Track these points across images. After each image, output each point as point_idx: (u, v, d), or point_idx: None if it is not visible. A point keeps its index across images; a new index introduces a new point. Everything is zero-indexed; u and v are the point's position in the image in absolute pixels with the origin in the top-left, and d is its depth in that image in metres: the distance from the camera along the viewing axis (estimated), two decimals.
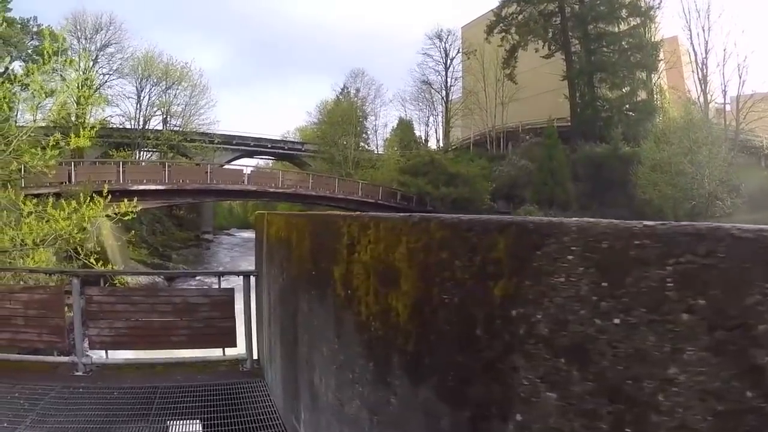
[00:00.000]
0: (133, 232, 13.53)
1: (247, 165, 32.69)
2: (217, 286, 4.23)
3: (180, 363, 4.01)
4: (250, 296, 4.02)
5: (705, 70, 26.21)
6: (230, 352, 4.04)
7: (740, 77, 24.96)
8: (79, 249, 7.33)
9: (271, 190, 24.70)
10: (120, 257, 17.13)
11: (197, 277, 16.96)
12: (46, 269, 6.65)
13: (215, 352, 4.06)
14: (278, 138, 39.50)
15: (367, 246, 1.52)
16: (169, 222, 29.74)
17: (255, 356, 4.03)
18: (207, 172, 23.13)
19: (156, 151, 27.65)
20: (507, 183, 28.07)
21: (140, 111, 29.67)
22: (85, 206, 7.34)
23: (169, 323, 3.91)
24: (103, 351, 4.00)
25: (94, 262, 7.52)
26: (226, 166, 28.37)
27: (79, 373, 3.74)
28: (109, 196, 7.51)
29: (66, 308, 3.95)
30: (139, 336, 3.92)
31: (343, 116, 35.61)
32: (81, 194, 7.66)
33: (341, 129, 34.40)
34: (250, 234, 56.15)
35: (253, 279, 3.97)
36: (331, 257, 1.85)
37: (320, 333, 2.04)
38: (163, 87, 30.21)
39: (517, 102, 33.30)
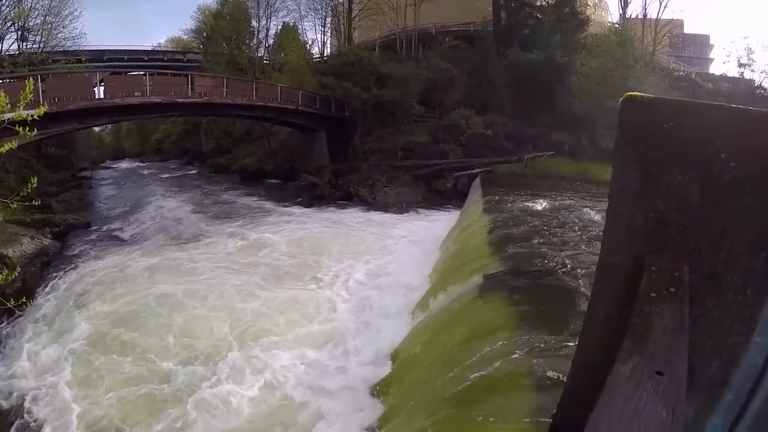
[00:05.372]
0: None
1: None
2: None
3: None
4: None
5: None
6: None
7: (660, 2, 26.72)
8: None
9: (181, 100, 19.60)
10: None
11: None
12: None
13: None
14: (154, 49, 33.19)
15: None
16: (39, 164, 23.87)
17: None
18: (95, 85, 17.30)
19: (13, 78, 20.97)
20: (425, 87, 26.64)
21: None
22: None
23: None
24: None
25: None
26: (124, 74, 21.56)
27: None
28: None
29: None
30: None
31: (236, 15, 30.85)
32: None
33: (236, 28, 30.20)
34: (128, 164, 48.56)
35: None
36: None
37: None
38: None
39: (430, 3, 31.75)
